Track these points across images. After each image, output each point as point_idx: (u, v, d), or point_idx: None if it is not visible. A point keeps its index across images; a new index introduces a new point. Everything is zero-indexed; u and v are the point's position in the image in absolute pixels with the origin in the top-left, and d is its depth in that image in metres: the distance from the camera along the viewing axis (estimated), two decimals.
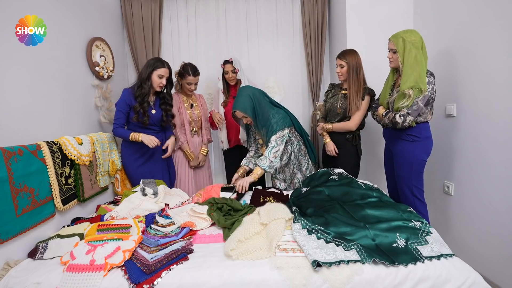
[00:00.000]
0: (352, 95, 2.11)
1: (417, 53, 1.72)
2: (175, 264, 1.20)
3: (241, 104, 1.93)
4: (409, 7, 2.47)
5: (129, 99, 2.07)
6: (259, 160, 1.96)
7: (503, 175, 1.71)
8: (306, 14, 2.83)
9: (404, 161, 1.90)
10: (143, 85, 2.04)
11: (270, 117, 1.96)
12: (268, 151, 1.92)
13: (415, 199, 1.91)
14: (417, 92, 1.72)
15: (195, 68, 2.33)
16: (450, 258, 1.19)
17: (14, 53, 1.49)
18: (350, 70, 2.11)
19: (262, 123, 1.96)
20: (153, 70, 2.04)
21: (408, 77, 1.72)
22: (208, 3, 2.92)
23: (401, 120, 1.78)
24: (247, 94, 1.95)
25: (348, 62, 2.11)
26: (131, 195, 1.87)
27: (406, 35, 1.75)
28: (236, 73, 2.45)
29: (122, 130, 2.08)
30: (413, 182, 1.89)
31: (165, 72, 2.07)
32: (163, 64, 2.07)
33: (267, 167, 1.93)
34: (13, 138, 1.42)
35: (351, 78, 2.12)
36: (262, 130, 2.00)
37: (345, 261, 1.15)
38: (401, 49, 1.75)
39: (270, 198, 1.78)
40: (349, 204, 1.57)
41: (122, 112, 2.06)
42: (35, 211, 1.42)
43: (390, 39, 1.85)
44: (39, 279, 1.16)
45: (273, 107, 2.04)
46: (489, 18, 1.74)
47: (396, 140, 1.95)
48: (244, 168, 2.15)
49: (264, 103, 1.99)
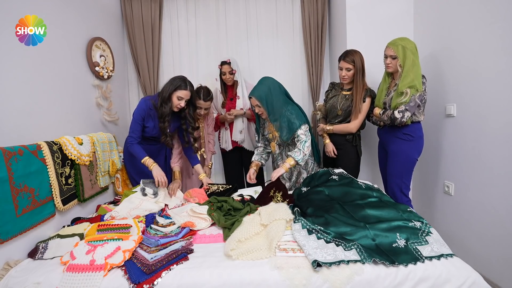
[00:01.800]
0: (358, 99, 2.10)
1: (414, 58, 1.86)
2: (175, 264, 1.20)
3: (258, 92, 1.93)
4: (409, 7, 2.47)
5: (146, 113, 2.00)
6: (292, 152, 1.96)
7: (503, 175, 1.71)
8: (306, 14, 2.83)
9: (398, 160, 1.98)
10: (164, 105, 1.96)
11: (287, 113, 1.97)
12: (302, 144, 1.94)
13: (402, 196, 2.01)
14: (414, 91, 1.85)
15: (209, 93, 2.23)
16: (450, 258, 1.19)
17: (14, 53, 1.49)
18: (357, 73, 2.09)
19: (276, 116, 1.97)
20: (175, 90, 1.95)
21: (406, 78, 1.86)
22: (208, 3, 2.92)
23: (400, 115, 1.87)
24: (267, 84, 1.96)
25: (356, 64, 2.07)
26: (131, 195, 1.87)
27: (403, 43, 1.88)
28: (233, 74, 2.43)
29: (138, 149, 2.00)
30: (403, 179, 1.99)
31: (185, 94, 1.97)
32: (185, 86, 1.97)
33: (300, 159, 1.94)
34: (13, 138, 1.42)
35: (358, 81, 2.09)
36: (275, 124, 2.01)
37: (345, 261, 1.15)
38: (401, 55, 1.87)
39: (278, 194, 1.78)
40: (349, 204, 1.57)
41: (139, 124, 2.00)
42: (35, 211, 1.43)
43: (389, 46, 1.93)
44: (39, 279, 1.16)
45: (289, 103, 2.04)
46: (490, 18, 1.74)
47: (392, 139, 2.01)
48: (257, 163, 2.16)
49: (281, 97, 1.99)
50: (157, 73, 2.84)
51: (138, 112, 2.00)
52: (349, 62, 2.08)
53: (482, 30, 1.79)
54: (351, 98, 2.15)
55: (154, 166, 1.97)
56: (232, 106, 2.48)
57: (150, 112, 2.01)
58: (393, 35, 2.03)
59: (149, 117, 2.02)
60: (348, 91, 2.19)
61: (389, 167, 2.04)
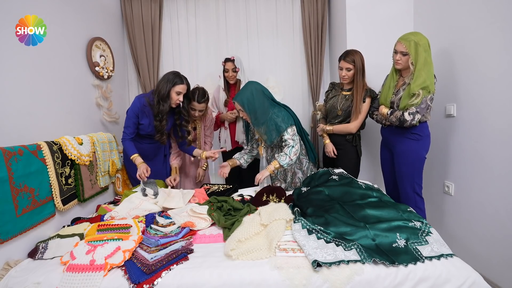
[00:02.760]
0: (358, 99, 2.09)
1: (426, 56, 1.77)
2: (175, 264, 1.20)
3: (240, 97, 1.93)
4: (409, 7, 2.47)
5: (139, 110, 1.99)
6: (278, 156, 1.96)
7: (503, 175, 1.71)
8: (306, 14, 2.83)
9: (407, 160, 1.93)
10: (163, 103, 1.95)
11: (273, 116, 1.97)
12: (289, 150, 1.94)
13: (415, 196, 1.96)
14: (426, 92, 1.77)
15: (204, 95, 2.17)
16: (450, 258, 1.19)
17: (14, 53, 1.49)
18: (357, 73, 2.07)
19: (261, 121, 1.97)
20: (173, 86, 1.95)
21: (419, 78, 1.77)
22: (208, 2, 2.92)
23: (410, 118, 1.80)
24: (250, 89, 1.95)
25: (356, 64, 2.06)
26: (131, 195, 1.87)
27: (416, 38, 1.77)
28: (237, 72, 2.42)
29: (128, 145, 2.01)
30: (415, 179, 1.94)
31: (183, 88, 1.98)
32: (181, 80, 1.98)
33: (285, 164, 1.94)
34: (13, 138, 1.42)
35: (358, 81, 2.08)
36: (261, 129, 2.00)
37: (345, 261, 1.15)
38: (413, 52, 1.78)
39: (273, 197, 1.77)
40: (349, 204, 1.57)
41: (132, 121, 2.00)
42: (35, 211, 1.43)
43: (400, 41, 1.83)
44: (39, 279, 1.16)
45: (274, 106, 2.03)
46: (490, 18, 1.74)
47: (400, 138, 1.95)
48: (234, 161, 2.16)
49: (265, 102, 1.98)
50: (157, 73, 2.84)
51: (132, 109, 2.01)
52: (349, 62, 2.07)
53: (482, 30, 1.79)
54: (351, 98, 2.15)
55: (140, 165, 1.95)
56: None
57: (144, 109, 2.00)
58: (393, 35, 2.03)
59: (144, 114, 2.01)
60: (348, 91, 2.18)
61: (398, 168, 1.99)
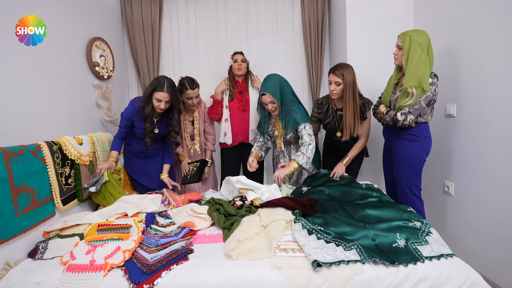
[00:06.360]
0: (349, 117, 1.96)
1: (421, 53, 1.72)
2: (175, 264, 1.20)
3: (271, 89, 1.91)
4: (409, 7, 2.47)
5: (132, 115, 2.00)
6: (295, 155, 1.93)
7: (503, 175, 1.70)
8: (306, 14, 2.83)
9: (404, 160, 1.91)
10: (146, 106, 1.95)
11: (294, 109, 1.97)
12: (305, 147, 1.92)
13: (413, 197, 1.93)
14: (420, 91, 1.72)
15: (193, 81, 2.20)
16: (450, 258, 1.19)
17: (14, 53, 1.49)
18: (347, 88, 1.92)
19: (285, 113, 1.96)
20: (152, 91, 1.92)
21: (412, 76, 1.73)
22: (208, 3, 2.92)
23: (402, 118, 1.78)
24: (277, 79, 1.95)
25: (344, 79, 1.91)
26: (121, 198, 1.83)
27: (413, 34, 1.75)
28: (247, 64, 2.41)
29: (115, 142, 2.04)
30: (412, 180, 1.91)
31: (163, 96, 1.91)
32: (162, 88, 1.90)
33: (304, 163, 1.91)
34: (13, 138, 1.42)
35: (348, 97, 1.93)
36: (283, 121, 2.00)
37: (345, 261, 1.15)
38: (406, 47, 1.75)
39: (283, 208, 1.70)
40: (349, 204, 1.57)
41: (126, 122, 2.02)
42: (35, 211, 1.43)
43: (398, 36, 1.83)
44: (39, 279, 1.16)
45: (295, 102, 2.03)
46: (489, 18, 1.74)
47: (397, 139, 1.95)
48: (257, 153, 2.14)
49: (290, 94, 1.99)
50: (157, 73, 2.84)
51: (125, 113, 2.02)
52: (339, 75, 1.92)
53: (482, 30, 1.79)
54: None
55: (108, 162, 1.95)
56: (243, 99, 2.43)
57: (138, 114, 2.00)
58: (393, 35, 2.02)
59: (138, 118, 2.02)
60: (342, 110, 2.04)
61: (395, 168, 1.98)
